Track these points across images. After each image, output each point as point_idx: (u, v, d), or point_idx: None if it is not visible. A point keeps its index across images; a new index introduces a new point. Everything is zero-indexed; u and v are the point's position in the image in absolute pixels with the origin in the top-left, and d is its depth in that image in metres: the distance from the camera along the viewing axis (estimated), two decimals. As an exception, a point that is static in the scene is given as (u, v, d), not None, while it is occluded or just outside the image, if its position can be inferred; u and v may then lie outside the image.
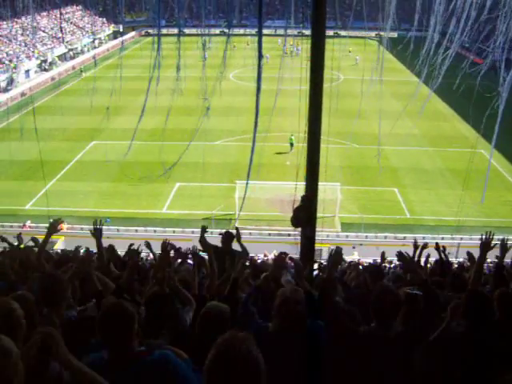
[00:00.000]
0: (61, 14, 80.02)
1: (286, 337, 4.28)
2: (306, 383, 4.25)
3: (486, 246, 6.14)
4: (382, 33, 71.59)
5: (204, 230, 8.27)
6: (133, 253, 7.55)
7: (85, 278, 6.32)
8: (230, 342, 2.56)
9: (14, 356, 2.87)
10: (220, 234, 9.29)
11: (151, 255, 11.00)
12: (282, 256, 5.94)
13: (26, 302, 4.18)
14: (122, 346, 3.62)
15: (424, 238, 25.91)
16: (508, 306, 4.97)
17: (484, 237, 6.12)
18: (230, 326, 4.23)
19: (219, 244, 9.21)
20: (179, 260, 9.28)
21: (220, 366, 2.48)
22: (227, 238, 9.17)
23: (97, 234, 7.03)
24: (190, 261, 9.45)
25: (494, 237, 5.90)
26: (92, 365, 3.49)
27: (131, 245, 8.09)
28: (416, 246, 8.58)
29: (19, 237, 9.62)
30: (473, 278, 6.24)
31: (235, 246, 9.08)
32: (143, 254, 12.72)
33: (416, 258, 8.18)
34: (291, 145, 35.92)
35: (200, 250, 8.06)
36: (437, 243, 8.64)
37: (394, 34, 63.31)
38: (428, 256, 8.86)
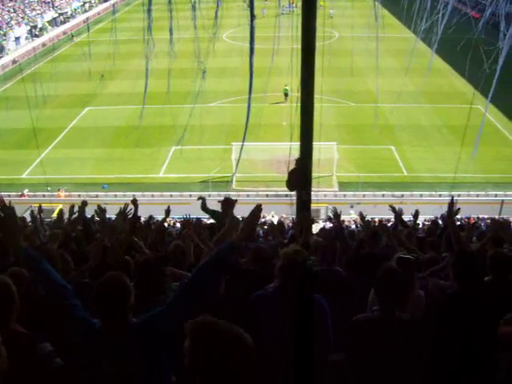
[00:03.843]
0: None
1: (285, 299, 4.18)
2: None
3: None
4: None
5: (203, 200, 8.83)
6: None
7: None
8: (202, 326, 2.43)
9: None
10: (219, 202, 9.03)
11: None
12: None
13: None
14: (117, 320, 3.46)
15: (421, 195, 26.05)
16: (501, 267, 4.89)
17: None
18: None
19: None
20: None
21: (201, 345, 2.37)
22: (227, 204, 8.89)
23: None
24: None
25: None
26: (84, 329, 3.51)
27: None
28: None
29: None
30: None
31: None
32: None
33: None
34: (285, 95, 35.97)
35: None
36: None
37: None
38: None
